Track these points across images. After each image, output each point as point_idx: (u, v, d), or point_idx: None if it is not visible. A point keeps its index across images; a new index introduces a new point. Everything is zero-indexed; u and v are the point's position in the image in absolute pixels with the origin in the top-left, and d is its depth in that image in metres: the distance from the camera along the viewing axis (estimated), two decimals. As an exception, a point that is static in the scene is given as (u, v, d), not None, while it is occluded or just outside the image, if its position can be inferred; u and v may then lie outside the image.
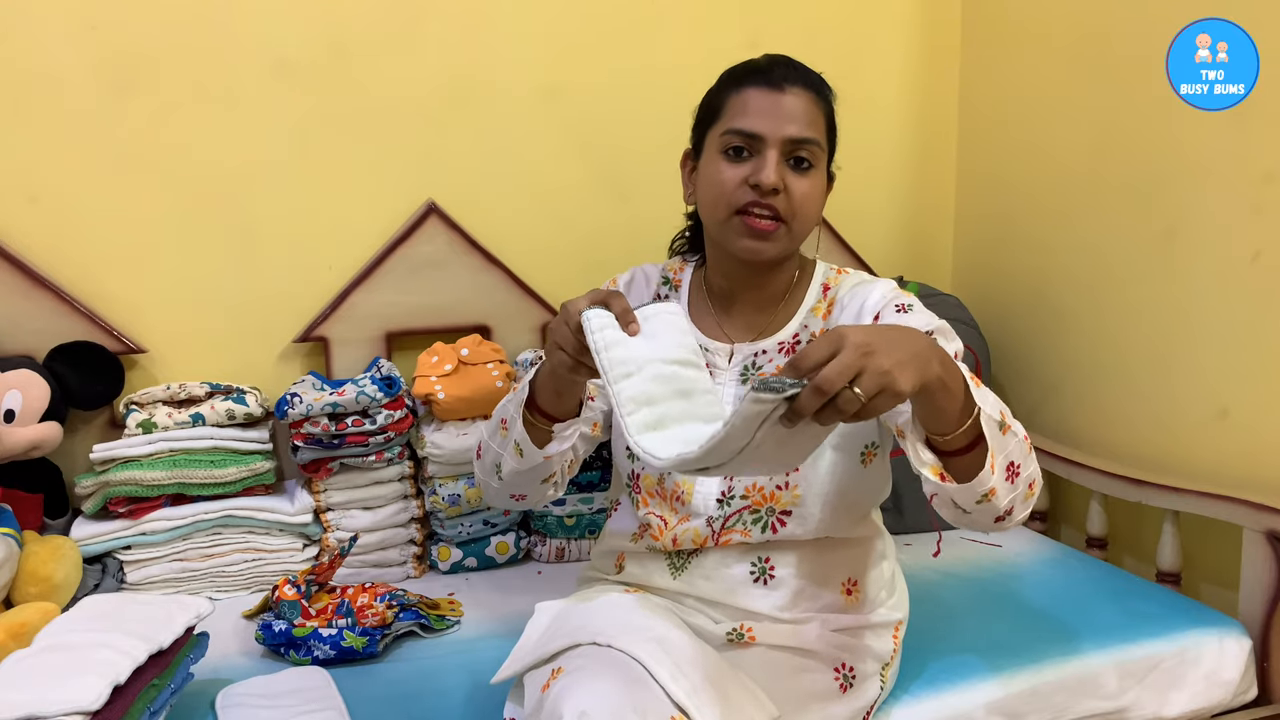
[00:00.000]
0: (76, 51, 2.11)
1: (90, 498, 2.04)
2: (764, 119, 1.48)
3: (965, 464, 1.26)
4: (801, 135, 1.48)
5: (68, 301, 2.12)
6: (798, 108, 1.49)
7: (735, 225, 1.50)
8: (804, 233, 1.53)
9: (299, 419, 2.07)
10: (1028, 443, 1.32)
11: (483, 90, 2.38)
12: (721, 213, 1.50)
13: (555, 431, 1.51)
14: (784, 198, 1.47)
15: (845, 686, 1.52)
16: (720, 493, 1.53)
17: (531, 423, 1.50)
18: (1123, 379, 2.32)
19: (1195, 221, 2.11)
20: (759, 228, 1.47)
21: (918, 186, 2.81)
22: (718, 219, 1.52)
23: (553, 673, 1.33)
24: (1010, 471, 1.28)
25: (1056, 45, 2.43)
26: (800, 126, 1.48)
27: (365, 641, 1.75)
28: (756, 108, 1.49)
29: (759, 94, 1.49)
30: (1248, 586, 1.92)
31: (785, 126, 1.47)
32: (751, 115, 1.48)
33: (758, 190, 1.46)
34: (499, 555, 2.21)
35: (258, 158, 2.25)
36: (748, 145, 1.48)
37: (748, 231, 1.49)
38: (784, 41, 1.68)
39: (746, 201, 1.47)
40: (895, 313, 1.48)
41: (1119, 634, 1.84)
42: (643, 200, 2.47)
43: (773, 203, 1.46)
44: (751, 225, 1.48)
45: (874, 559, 1.61)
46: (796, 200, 1.48)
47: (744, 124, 1.48)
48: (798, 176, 1.48)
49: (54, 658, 1.41)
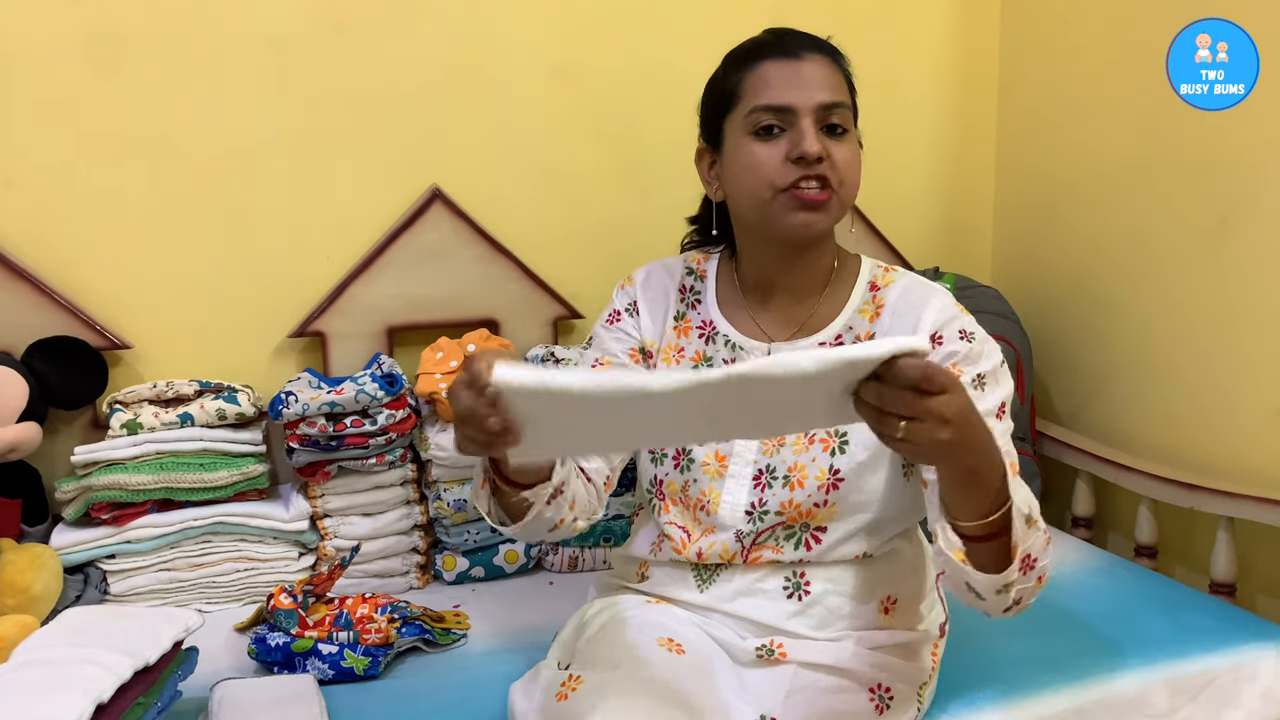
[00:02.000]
0: (57, 26, 2.09)
1: (71, 503, 2.03)
2: (790, 89, 1.47)
3: (988, 551, 1.28)
4: (832, 99, 1.47)
5: (47, 294, 2.11)
6: (820, 73, 1.49)
7: (783, 202, 1.47)
8: (850, 200, 1.52)
9: (294, 419, 2.06)
10: (1047, 537, 1.34)
11: (490, 69, 2.37)
12: (764, 195, 1.48)
13: (528, 497, 1.43)
14: (829, 165, 1.46)
15: (881, 708, 1.50)
16: (750, 504, 1.51)
17: (501, 490, 1.43)
18: (1172, 376, 2.31)
19: (1249, 210, 2.11)
20: (811, 198, 1.46)
21: (956, 174, 2.80)
22: (762, 200, 1.49)
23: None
24: (1025, 564, 1.29)
25: (1100, 28, 2.42)
26: (828, 91, 1.48)
27: (367, 663, 1.74)
28: (779, 80, 1.48)
29: (777, 66, 1.49)
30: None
31: (815, 94, 1.47)
32: (775, 88, 1.47)
33: (802, 163, 1.45)
34: (508, 564, 2.20)
35: (250, 141, 2.23)
36: (779, 120, 1.47)
37: (799, 205, 1.47)
38: (812, 19, 1.65)
39: (793, 179, 1.45)
40: (958, 339, 1.47)
41: (1169, 649, 1.83)
42: (660, 185, 2.45)
43: (821, 172, 1.45)
44: (803, 197, 1.46)
45: (915, 575, 1.60)
46: (841, 166, 1.47)
47: (771, 98, 1.47)
48: (836, 143, 1.48)
49: (33, 674, 1.40)
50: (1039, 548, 1.31)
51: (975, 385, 1.44)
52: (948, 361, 1.46)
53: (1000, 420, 1.45)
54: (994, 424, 1.42)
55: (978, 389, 1.44)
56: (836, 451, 1.49)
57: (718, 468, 1.54)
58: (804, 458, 1.50)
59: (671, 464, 1.58)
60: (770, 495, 1.51)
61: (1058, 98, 2.58)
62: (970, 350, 1.47)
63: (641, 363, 1.64)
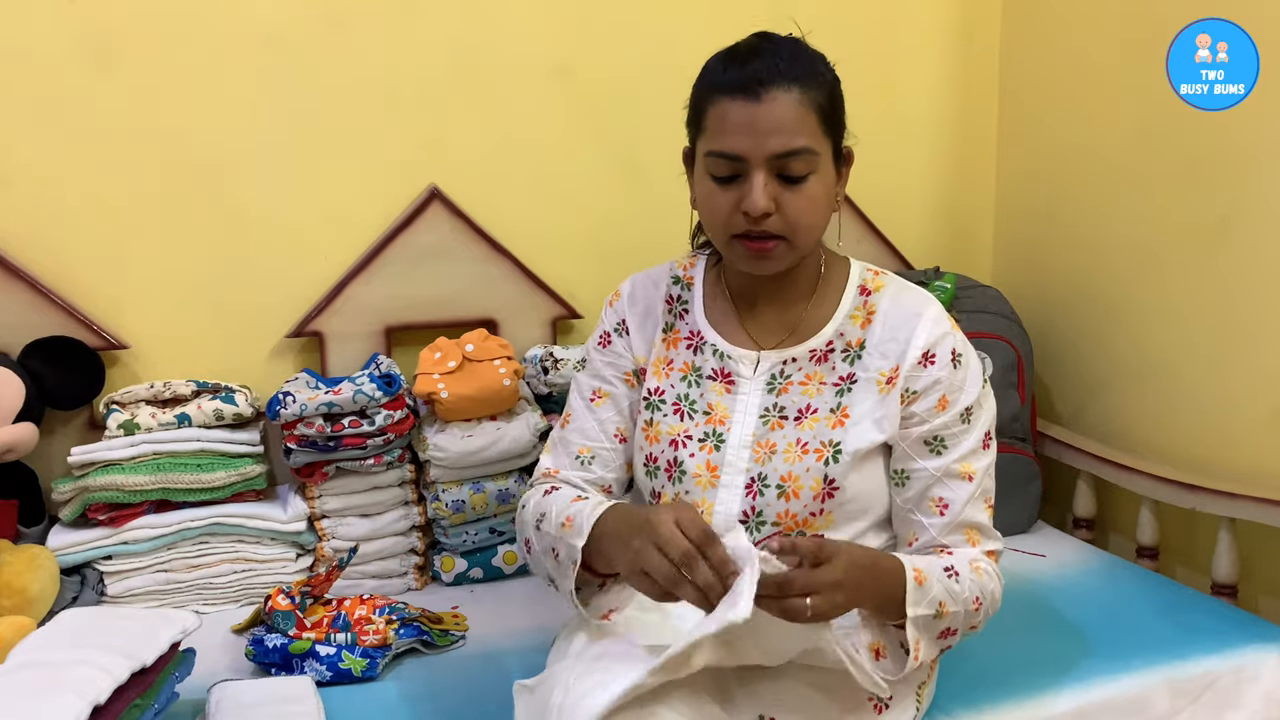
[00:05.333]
0: (53, 24, 2.09)
1: (68, 504, 2.03)
2: (743, 137, 1.43)
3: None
4: (787, 148, 1.42)
5: (44, 293, 2.11)
6: (779, 117, 1.43)
7: (735, 249, 1.49)
8: (809, 242, 1.50)
9: (292, 420, 2.05)
10: (976, 603, 1.48)
11: (489, 67, 2.37)
12: (720, 237, 1.50)
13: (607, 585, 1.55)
14: (778, 218, 1.44)
15: (880, 707, 1.50)
16: (743, 511, 1.51)
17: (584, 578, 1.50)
18: (1174, 377, 2.30)
19: (1250, 211, 2.10)
20: (756, 250, 1.47)
21: (957, 174, 2.80)
22: (718, 241, 1.53)
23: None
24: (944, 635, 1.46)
25: (1100, 28, 2.42)
26: (785, 138, 1.42)
27: (365, 664, 1.74)
28: (735, 124, 1.43)
29: (736, 107, 1.43)
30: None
31: (767, 142, 1.42)
32: (730, 134, 1.44)
33: (748, 218, 1.44)
34: (506, 566, 2.20)
35: (247, 139, 2.23)
36: (732, 168, 1.44)
37: (747, 254, 1.48)
38: (813, 17, 1.64)
39: (741, 230, 1.45)
40: (949, 362, 1.51)
41: (1171, 650, 1.82)
42: (660, 185, 2.41)
43: (767, 226, 1.44)
44: (749, 248, 1.47)
45: None
46: (791, 216, 1.44)
47: (724, 145, 1.44)
48: (792, 192, 1.44)
49: (29, 676, 1.40)
50: (959, 620, 1.45)
51: (962, 419, 1.51)
52: (933, 389, 1.50)
53: (985, 450, 1.53)
54: (978, 458, 1.52)
55: (964, 423, 1.51)
56: (830, 460, 1.49)
57: (710, 478, 1.53)
58: (798, 467, 1.49)
59: (665, 477, 1.57)
60: (765, 505, 1.51)
61: (1058, 98, 2.57)
62: (955, 378, 1.50)
63: (636, 386, 1.64)
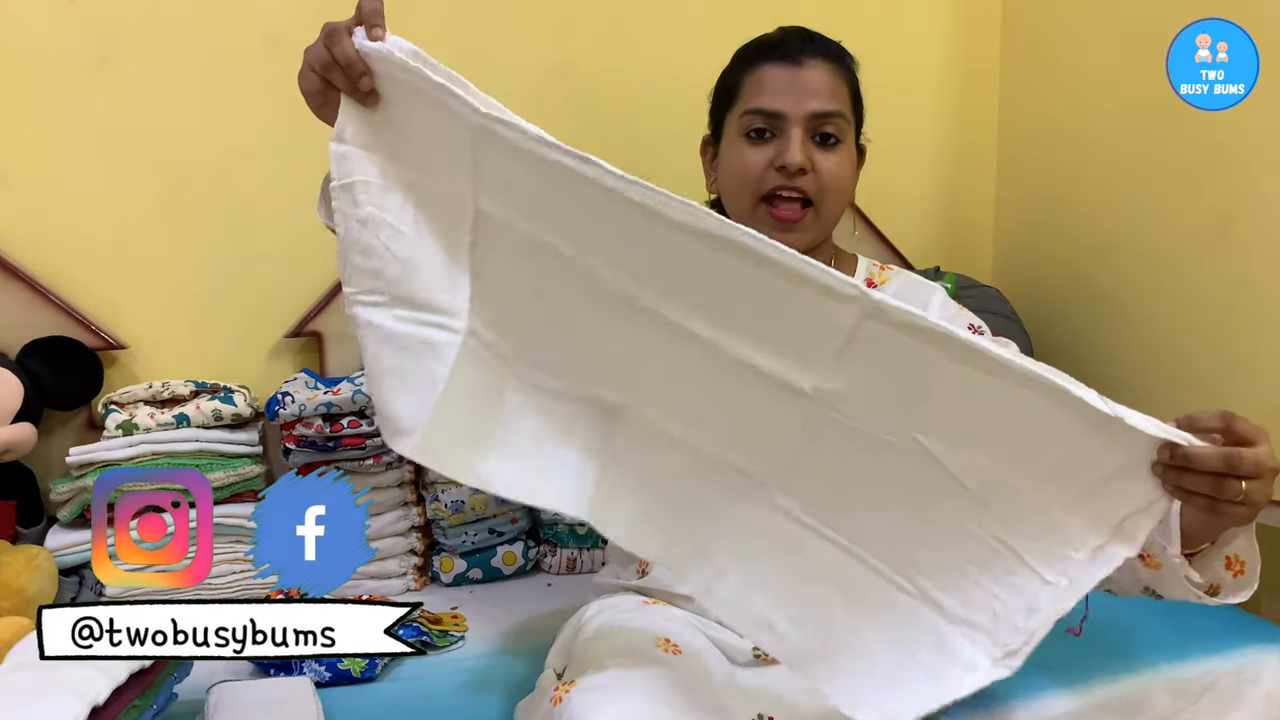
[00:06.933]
0: (53, 24, 2.09)
1: (66, 504, 2.03)
2: (784, 96, 1.48)
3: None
4: (825, 109, 1.48)
5: (42, 293, 2.11)
6: (819, 81, 1.50)
7: (760, 217, 1.51)
8: (835, 214, 1.52)
9: (291, 420, 2.06)
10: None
11: (483, 69, 2.29)
12: (747, 201, 1.50)
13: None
14: (812, 178, 1.47)
15: (881, 708, 1.49)
16: None
17: None
18: (1174, 376, 2.30)
19: (1250, 211, 2.10)
20: (784, 218, 1.47)
21: (957, 173, 2.80)
22: (743, 208, 1.52)
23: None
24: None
25: (1100, 27, 2.42)
26: (823, 100, 1.49)
27: (364, 665, 1.74)
28: (775, 85, 1.49)
29: (776, 70, 1.50)
30: (1312, 599, 1.91)
31: (807, 102, 1.48)
32: (770, 93, 1.49)
33: (784, 173, 1.46)
34: (506, 566, 2.20)
35: (247, 138, 2.23)
36: (769, 125, 1.48)
37: (774, 224, 1.50)
38: (812, 17, 1.66)
39: (773, 187, 1.47)
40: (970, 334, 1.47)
41: (1171, 650, 1.82)
42: (659, 183, 2.41)
43: (801, 184, 1.47)
44: (777, 217, 1.48)
45: None
46: (825, 178, 1.48)
47: (763, 103, 1.49)
48: (825, 153, 1.49)
49: (27, 676, 1.39)
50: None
51: None
52: None
53: None
54: None
55: None
56: None
57: None
58: None
59: None
60: None
61: (1058, 97, 2.57)
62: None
63: None
